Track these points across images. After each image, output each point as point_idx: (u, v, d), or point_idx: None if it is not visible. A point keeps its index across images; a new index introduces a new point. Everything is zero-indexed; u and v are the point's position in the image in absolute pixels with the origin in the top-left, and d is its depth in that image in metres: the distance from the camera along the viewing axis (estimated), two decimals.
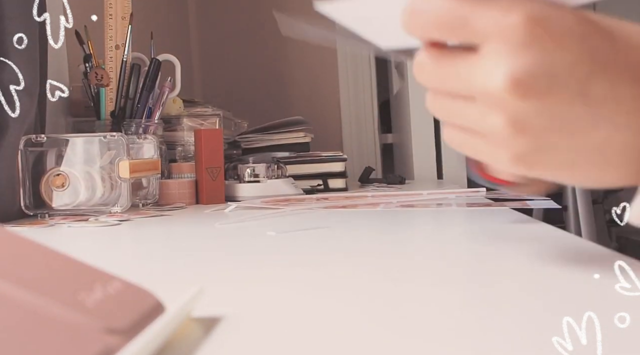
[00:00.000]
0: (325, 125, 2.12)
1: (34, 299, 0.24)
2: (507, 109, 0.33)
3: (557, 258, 0.44)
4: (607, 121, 0.33)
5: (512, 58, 0.33)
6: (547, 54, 0.32)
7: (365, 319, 0.32)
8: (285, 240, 0.60)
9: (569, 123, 0.33)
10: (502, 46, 0.33)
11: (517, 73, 0.32)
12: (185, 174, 1.08)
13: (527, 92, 0.32)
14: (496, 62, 0.33)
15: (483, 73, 0.34)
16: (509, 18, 0.33)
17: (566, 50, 0.33)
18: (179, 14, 2.21)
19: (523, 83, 0.32)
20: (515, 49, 0.33)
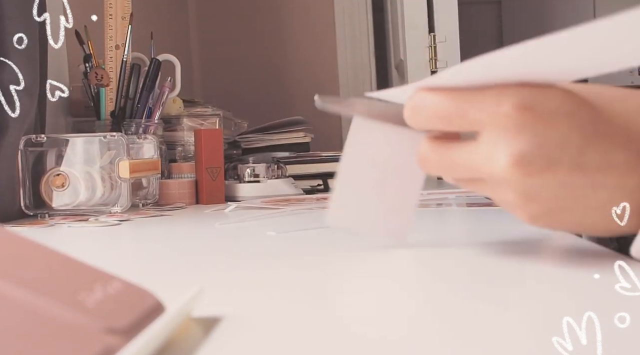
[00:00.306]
0: (325, 125, 2.12)
1: (34, 299, 0.24)
2: (515, 185, 0.38)
3: (557, 258, 0.44)
4: (605, 185, 0.37)
5: (508, 143, 0.37)
6: (538, 135, 0.37)
7: (365, 319, 0.32)
8: (285, 241, 0.60)
9: (571, 191, 0.37)
10: (498, 133, 0.37)
11: (515, 156, 0.37)
12: (185, 174, 1.08)
13: (528, 171, 0.37)
14: (495, 148, 0.37)
15: (485, 159, 0.38)
16: (501, 107, 0.37)
17: (555, 129, 0.37)
18: (179, 14, 2.22)
19: (522, 164, 0.37)
20: (509, 134, 0.37)
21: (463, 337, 0.28)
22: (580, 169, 0.37)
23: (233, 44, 2.27)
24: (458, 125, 0.39)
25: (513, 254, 0.46)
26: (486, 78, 0.38)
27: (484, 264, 0.44)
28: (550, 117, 0.37)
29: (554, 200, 0.38)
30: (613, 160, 0.37)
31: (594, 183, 0.37)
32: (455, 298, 0.36)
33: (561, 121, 0.37)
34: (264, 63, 2.25)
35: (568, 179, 0.37)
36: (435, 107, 0.39)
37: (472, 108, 0.38)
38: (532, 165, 0.36)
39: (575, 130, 0.37)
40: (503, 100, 0.37)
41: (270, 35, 2.26)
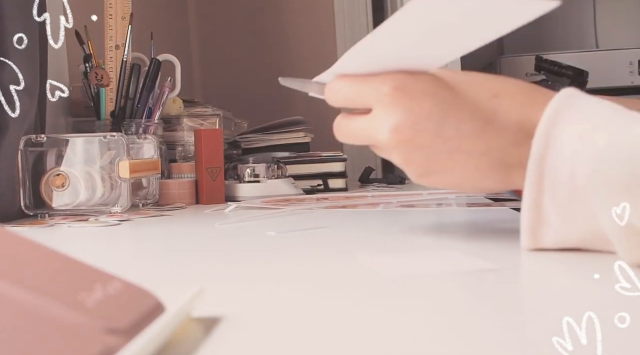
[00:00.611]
0: (325, 125, 2.12)
1: (34, 299, 0.24)
2: (396, 150, 0.49)
3: (557, 258, 0.44)
4: (459, 150, 0.47)
5: (387, 117, 0.48)
6: (408, 110, 0.47)
7: (365, 319, 0.32)
8: (285, 241, 0.60)
9: (436, 155, 0.48)
10: (381, 109, 0.48)
11: (391, 126, 0.48)
12: (185, 174, 1.08)
13: (400, 139, 0.48)
14: (379, 120, 0.48)
15: (374, 129, 0.49)
16: (382, 89, 0.48)
17: (420, 105, 0.47)
18: (179, 14, 2.21)
19: (396, 132, 0.47)
20: (388, 109, 0.48)
21: (463, 337, 0.28)
22: (439, 137, 0.47)
23: (233, 44, 2.27)
24: (357, 104, 0.51)
25: (513, 254, 0.46)
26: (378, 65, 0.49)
27: (484, 264, 0.44)
28: (417, 95, 0.47)
29: (425, 163, 0.48)
30: (464, 131, 0.47)
31: (452, 148, 0.47)
32: (454, 297, 0.36)
33: (426, 100, 0.47)
34: (264, 63, 2.25)
35: (431, 144, 0.47)
36: (342, 90, 0.51)
37: (365, 90, 0.49)
38: (403, 134, 0.47)
39: (436, 107, 0.47)
40: (385, 83, 0.48)
41: (271, 35, 2.26)
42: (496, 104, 0.47)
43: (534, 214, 0.44)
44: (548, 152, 0.43)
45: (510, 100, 0.47)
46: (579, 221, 0.43)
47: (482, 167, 0.47)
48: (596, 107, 0.44)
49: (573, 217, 0.43)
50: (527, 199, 0.44)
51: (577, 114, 0.44)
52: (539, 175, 0.44)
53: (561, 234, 0.44)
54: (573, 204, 0.43)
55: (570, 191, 0.43)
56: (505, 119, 0.46)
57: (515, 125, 0.46)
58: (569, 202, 0.43)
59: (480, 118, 0.47)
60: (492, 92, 0.48)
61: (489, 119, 0.47)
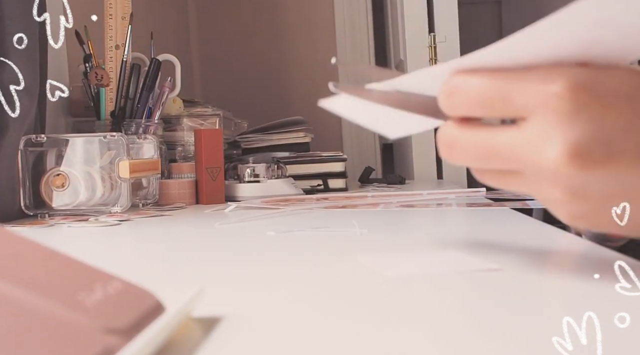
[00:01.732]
0: (325, 125, 2.12)
1: (34, 299, 0.24)
2: (564, 180, 0.33)
3: (557, 258, 0.44)
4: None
5: (562, 130, 0.31)
6: (598, 121, 0.31)
7: (365, 319, 0.32)
8: (285, 241, 0.60)
9: (630, 188, 0.33)
10: (549, 118, 0.32)
11: (571, 146, 0.31)
12: (185, 174, 1.08)
13: (585, 164, 0.31)
14: (545, 136, 0.32)
15: (531, 148, 0.33)
16: (551, 88, 0.32)
17: (616, 113, 0.31)
18: (179, 14, 2.22)
19: (579, 155, 0.31)
20: (563, 120, 0.31)
21: (463, 337, 0.28)
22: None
23: (233, 44, 2.27)
24: (501, 111, 0.34)
25: (513, 254, 0.46)
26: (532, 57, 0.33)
27: (483, 264, 0.44)
28: (610, 99, 0.32)
29: (606, 199, 0.33)
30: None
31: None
32: (454, 297, 0.36)
33: (623, 104, 0.32)
34: (264, 63, 2.25)
35: (628, 172, 0.32)
36: (477, 91, 0.34)
37: (518, 90, 0.33)
38: (590, 157, 0.31)
39: (638, 116, 0.32)
40: (554, 79, 0.32)
41: (270, 36, 2.26)
42: None
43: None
44: None
45: None
46: None
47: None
48: None
49: None
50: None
51: None
52: None
53: None
54: None
55: None
56: None
57: None
58: None
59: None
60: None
61: None
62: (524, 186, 0.35)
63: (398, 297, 0.36)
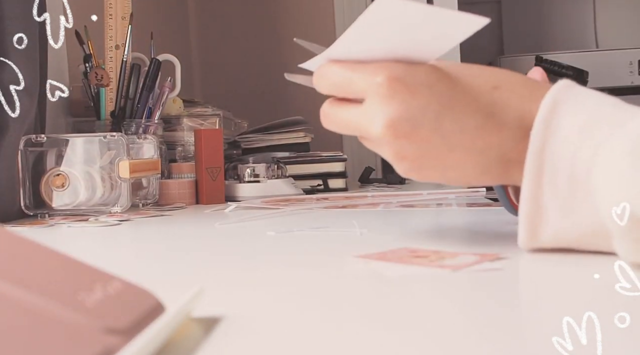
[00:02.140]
0: None
1: (34, 299, 0.24)
2: (388, 145, 0.46)
3: (557, 258, 0.44)
4: (459, 146, 0.45)
5: (382, 109, 0.45)
6: (404, 102, 0.44)
7: (365, 319, 0.32)
8: (285, 241, 0.60)
9: (432, 150, 0.45)
10: (375, 100, 0.45)
11: (386, 121, 0.44)
12: (185, 174, 1.08)
13: (396, 134, 0.45)
14: (372, 113, 0.45)
15: (366, 121, 0.46)
16: (376, 79, 0.45)
17: (418, 98, 0.44)
18: (179, 14, 2.21)
19: (392, 127, 0.44)
20: (383, 102, 0.45)
21: (463, 337, 0.28)
22: (437, 132, 0.44)
23: (233, 44, 2.27)
24: (348, 92, 0.48)
25: (513, 254, 0.46)
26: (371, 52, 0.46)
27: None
28: (414, 88, 0.44)
29: (419, 159, 0.45)
30: (465, 126, 0.44)
31: (450, 144, 0.45)
32: (454, 297, 0.36)
33: (423, 92, 0.44)
34: (264, 63, 2.25)
35: (428, 140, 0.44)
36: (331, 77, 0.48)
37: (357, 78, 0.46)
38: (399, 128, 0.44)
39: (434, 100, 0.44)
40: (379, 72, 0.45)
41: (270, 35, 2.26)
42: (496, 96, 0.45)
43: (532, 209, 0.43)
44: (547, 144, 0.42)
45: (510, 92, 0.45)
46: (580, 216, 0.42)
47: (480, 164, 0.45)
48: (595, 98, 0.43)
49: (573, 212, 0.42)
50: (526, 193, 0.43)
51: (577, 105, 0.43)
52: (538, 167, 0.42)
53: (560, 230, 0.43)
54: (573, 199, 0.42)
55: (571, 185, 0.42)
56: (505, 112, 0.45)
57: (515, 119, 0.44)
58: (569, 196, 0.42)
59: (481, 112, 0.45)
60: (491, 84, 0.45)
61: (490, 113, 0.45)
62: (372, 147, 0.48)
63: (398, 297, 0.36)
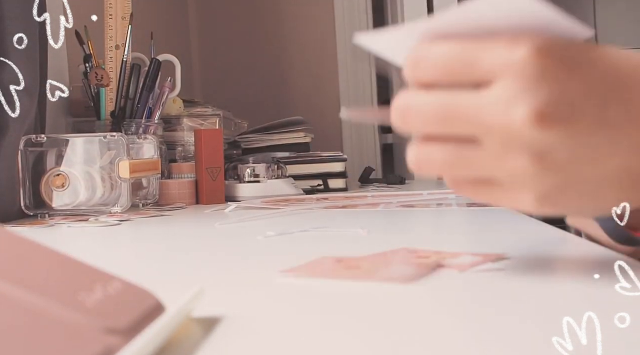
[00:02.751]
0: (325, 125, 2.12)
1: (34, 299, 0.24)
2: (529, 144, 0.33)
3: (557, 258, 0.44)
4: (625, 145, 0.33)
5: (528, 92, 0.32)
6: (562, 83, 0.32)
7: (364, 320, 0.32)
8: (285, 241, 0.60)
9: (592, 151, 0.33)
10: (515, 81, 0.33)
11: (537, 106, 0.32)
12: (185, 174, 1.08)
13: (552, 123, 0.32)
14: (511, 97, 0.33)
15: (498, 110, 0.33)
16: (517, 52, 0.33)
17: (578, 78, 0.33)
18: (179, 14, 2.22)
19: (546, 114, 0.32)
20: (528, 82, 0.32)
21: (463, 337, 0.28)
22: (602, 123, 0.33)
23: (233, 44, 2.27)
24: (468, 76, 0.34)
25: (513, 254, 0.46)
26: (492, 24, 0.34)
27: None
28: (572, 64, 0.33)
29: (572, 166, 0.33)
30: (634, 116, 0.33)
31: (614, 141, 0.33)
32: (454, 297, 0.36)
33: (584, 69, 0.33)
34: (264, 63, 2.25)
35: (589, 134, 0.33)
36: (443, 57, 0.35)
37: (484, 55, 0.34)
38: (554, 117, 0.32)
39: (598, 81, 0.33)
40: (519, 44, 0.33)
41: (271, 35, 2.26)
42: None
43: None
44: None
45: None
46: None
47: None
48: None
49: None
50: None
51: None
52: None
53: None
54: None
55: None
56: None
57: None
58: None
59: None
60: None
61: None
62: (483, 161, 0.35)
63: (398, 297, 0.36)
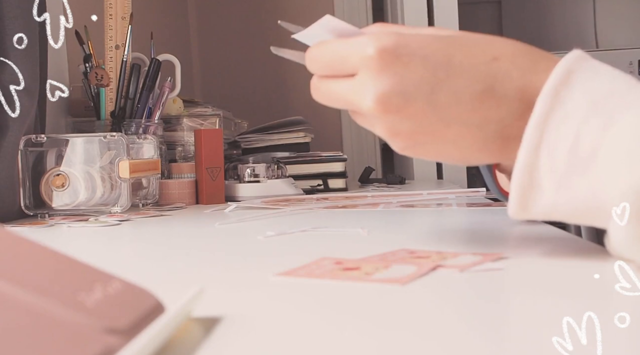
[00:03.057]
0: (325, 125, 2.12)
1: (34, 299, 0.24)
2: (381, 121, 0.43)
3: (557, 258, 0.44)
4: (456, 120, 0.42)
5: (372, 83, 0.42)
6: (396, 75, 0.42)
7: (364, 319, 0.32)
8: (285, 241, 0.60)
9: (427, 126, 0.43)
10: (366, 74, 0.43)
11: (377, 95, 0.42)
12: (185, 174, 1.08)
13: (388, 108, 0.42)
14: (363, 87, 0.43)
15: (356, 95, 0.44)
16: (366, 51, 0.43)
17: (411, 69, 0.42)
18: (179, 14, 2.22)
19: (383, 102, 0.42)
20: (374, 75, 0.42)
21: (463, 337, 0.28)
22: (432, 106, 0.42)
23: (233, 44, 2.27)
24: (343, 71, 0.45)
25: (513, 254, 0.46)
26: None
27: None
28: (407, 59, 0.42)
29: (414, 135, 0.43)
30: (462, 99, 0.42)
31: (446, 119, 0.42)
32: (454, 297, 0.36)
33: (417, 63, 0.42)
34: (264, 63, 2.25)
35: (423, 115, 0.42)
36: (323, 57, 0.46)
37: (348, 54, 0.44)
38: (391, 103, 0.42)
39: (429, 71, 0.42)
40: (370, 43, 0.43)
41: (271, 35, 2.26)
42: (496, 68, 0.42)
43: (526, 177, 0.40)
44: (553, 114, 0.39)
45: (510, 64, 0.42)
46: (576, 193, 0.40)
47: (478, 139, 0.43)
48: (610, 73, 0.40)
49: (569, 188, 0.40)
50: (522, 160, 0.40)
51: (591, 76, 0.40)
52: (538, 136, 0.40)
53: (554, 204, 0.41)
54: (571, 175, 0.39)
55: (571, 159, 0.39)
56: (506, 85, 0.42)
57: (516, 92, 0.42)
58: (567, 171, 0.39)
59: (479, 84, 0.42)
60: (491, 55, 0.42)
61: (489, 86, 0.42)
62: (364, 123, 0.46)
63: (397, 297, 0.36)
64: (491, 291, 0.37)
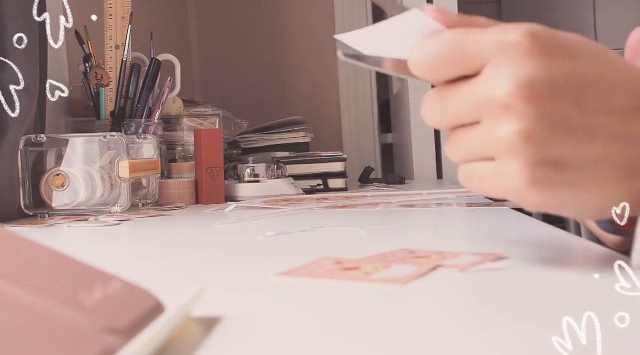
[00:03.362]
0: (325, 125, 2.12)
1: (34, 299, 0.24)
2: (515, 115, 0.35)
3: (557, 258, 0.44)
4: (602, 132, 0.36)
5: (514, 68, 0.35)
6: (545, 65, 0.35)
7: (364, 319, 0.32)
8: (285, 241, 0.60)
9: (569, 132, 0.35)
10: (504, 60, 0.36)
11: (520, 79, 0.35)
12: (185, 174, 1.08)
13: (530, 96, 0.35)
14: (499, 73, 0.35)
15: (487, 86, 0.36)
16: (509, 36, 0.36)
17: (563, 63, 0.36)
18: (179, 14, 2.22)
19: (526, 87, 0.35)
20: (516, 60, 0.35)
21: (462, 337, 0.28)
22: (580, 108, 0.35)
23: (233, 44, 2.27)
24: (464, 64, 0.37)
25: (513, 254, 0.46)
26: None
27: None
28: (559, 52, 0.36)
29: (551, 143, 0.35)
30: (613, 106, 0.36)
31: (592, 126, 0.36)
32: (454, 297, 0.36)
33: (568, 60, 0.36)
34: (264, 63, 2.26)
35: (567, 115, 0.35)
36: (437, 49, 0.37)
37: (476, 41, 0.37)
38: (534, 91, 0.35)
39: (580, 72, 0.36)
40: (511, 30, 0.36)
41: (270, 35, 2.26)
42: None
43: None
44: None
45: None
46: None
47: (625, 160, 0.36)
48: None
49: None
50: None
51: None
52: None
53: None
54: None
55: None
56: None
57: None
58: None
59: (634, 99, 0.36)
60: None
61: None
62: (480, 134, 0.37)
63: (397, 296, 0.36)
64: (491, 291, 0.37)
